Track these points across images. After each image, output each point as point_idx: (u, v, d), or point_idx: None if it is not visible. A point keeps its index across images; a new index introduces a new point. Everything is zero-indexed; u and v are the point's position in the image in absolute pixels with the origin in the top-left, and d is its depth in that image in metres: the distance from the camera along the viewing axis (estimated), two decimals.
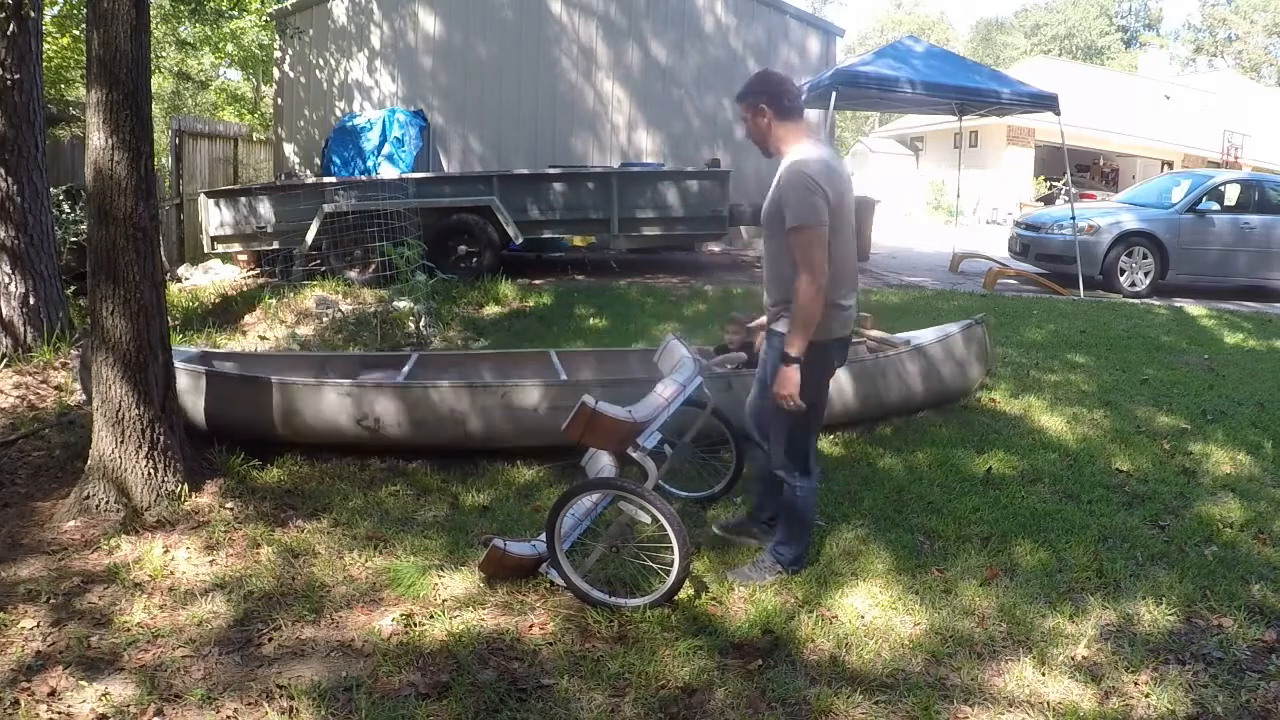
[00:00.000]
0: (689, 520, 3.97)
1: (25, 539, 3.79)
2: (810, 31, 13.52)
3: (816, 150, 3.29)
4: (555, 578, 3.41)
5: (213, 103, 23.69)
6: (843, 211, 3.29)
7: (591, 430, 3.26)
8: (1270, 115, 26.42)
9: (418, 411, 4.50)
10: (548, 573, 3.46)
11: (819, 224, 3.14)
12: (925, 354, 5.28)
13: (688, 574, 3.28)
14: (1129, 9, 55.58)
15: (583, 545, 3.59)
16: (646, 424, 3.40)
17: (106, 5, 3.82)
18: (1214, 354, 7.59)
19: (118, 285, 3.94)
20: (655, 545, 3.37)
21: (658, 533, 3.27)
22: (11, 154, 6.24)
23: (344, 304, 8.17)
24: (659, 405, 3.48)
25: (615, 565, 3.49)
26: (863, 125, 39.64)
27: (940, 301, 9.43)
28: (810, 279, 3.13)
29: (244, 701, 2.75)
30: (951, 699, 2.84)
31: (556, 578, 3.40)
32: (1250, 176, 12.99)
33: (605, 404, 3.26)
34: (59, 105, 9.74)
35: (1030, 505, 4.25)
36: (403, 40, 12.66)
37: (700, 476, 4.41)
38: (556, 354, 5.61)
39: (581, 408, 3.18)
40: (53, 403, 5.51)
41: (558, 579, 3.40)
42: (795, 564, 3.57)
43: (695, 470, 4.40)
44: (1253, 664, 3.07)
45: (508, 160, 12.52)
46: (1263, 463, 4.93)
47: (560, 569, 3.34)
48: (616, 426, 3.26)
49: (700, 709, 2.78)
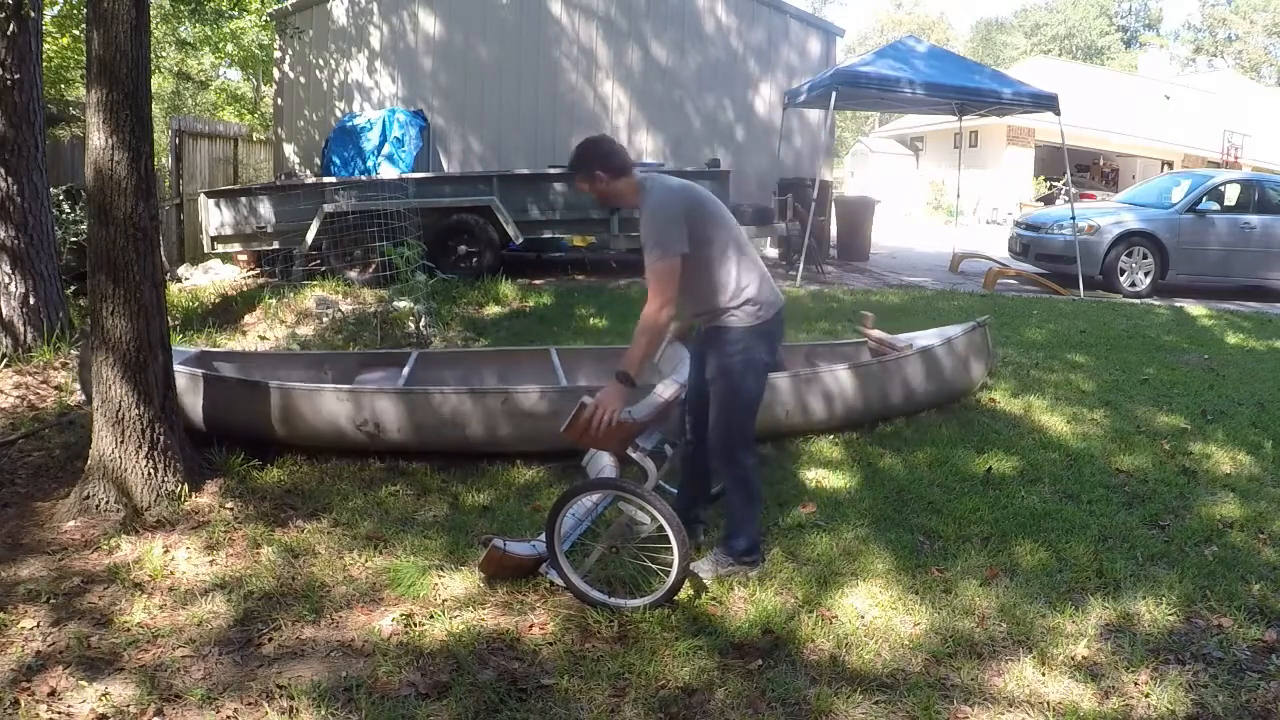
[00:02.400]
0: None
1: (25, 539, 3.79)
2: (810, 32, 13.51)
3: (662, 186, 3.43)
4: (555, 578, 3.41)
5: (213, 103, 23.69)
6: (707, 223, 3.40)
7: (590, 431, 3.26)
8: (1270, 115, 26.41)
9: (417, 417, 4.49)
10: (547, 573, 3.46)
11: (672, 255, 3.27)
12: (929, 357, 5.28)
13: (687, 575, 3.28)
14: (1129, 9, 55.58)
15: (583, 545, 3.59)
16: (647, 424, 3.40)
17: (106, 5, 3.82)
18: (1214, 354, 7.59)
19: (118, 285, 3.94)
20: (655, 545, 3.37)
21: (657, 533, 3.27)
22: (11, 154, 6.24)
23: (344, 304, 8.17)
24: (659, 405, 3.48)
25: (615, 565, 3.49)
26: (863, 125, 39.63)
27: (940, 302, 9.44)
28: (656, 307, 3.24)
29: (244, 701, 2.75)
30: (951, 699, 2.84)
31: (556, 578, 3.40)
32: (1250, 176, 12.99)
33: None
34: (59, 105, 9.74)
35: (1030, 505, 4.25)
36: (402, 40, 12.66)
37: None
38: (557, 352, 5.61)
39: (581, 409, 3.18)
40: (53, 403, 5.51)
41: (557, 579, 3.39)
42: (749, 554, 3.53)
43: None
44: (1253, 664, 3.07)
45: (508, 160, 12.52)
46: (1263, 463, 4.93)
47: (560, 569, 3.34)
48: (618, 427, 3.26)
49: (700, 709, 2.78)
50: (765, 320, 3.44)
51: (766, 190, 12.47)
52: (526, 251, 10.67)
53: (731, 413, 3.46)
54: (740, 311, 3.41)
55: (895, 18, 53.25)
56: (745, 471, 3.51)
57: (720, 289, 3.40)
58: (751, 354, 3.43)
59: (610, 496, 3.59)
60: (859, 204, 13.29)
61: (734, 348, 3.42)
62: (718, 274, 3.40)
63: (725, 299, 3.41)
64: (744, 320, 3.41)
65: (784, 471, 4.60)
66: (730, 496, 3.56)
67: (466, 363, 5.80)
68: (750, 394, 3.47)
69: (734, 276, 3.40)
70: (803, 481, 4.51)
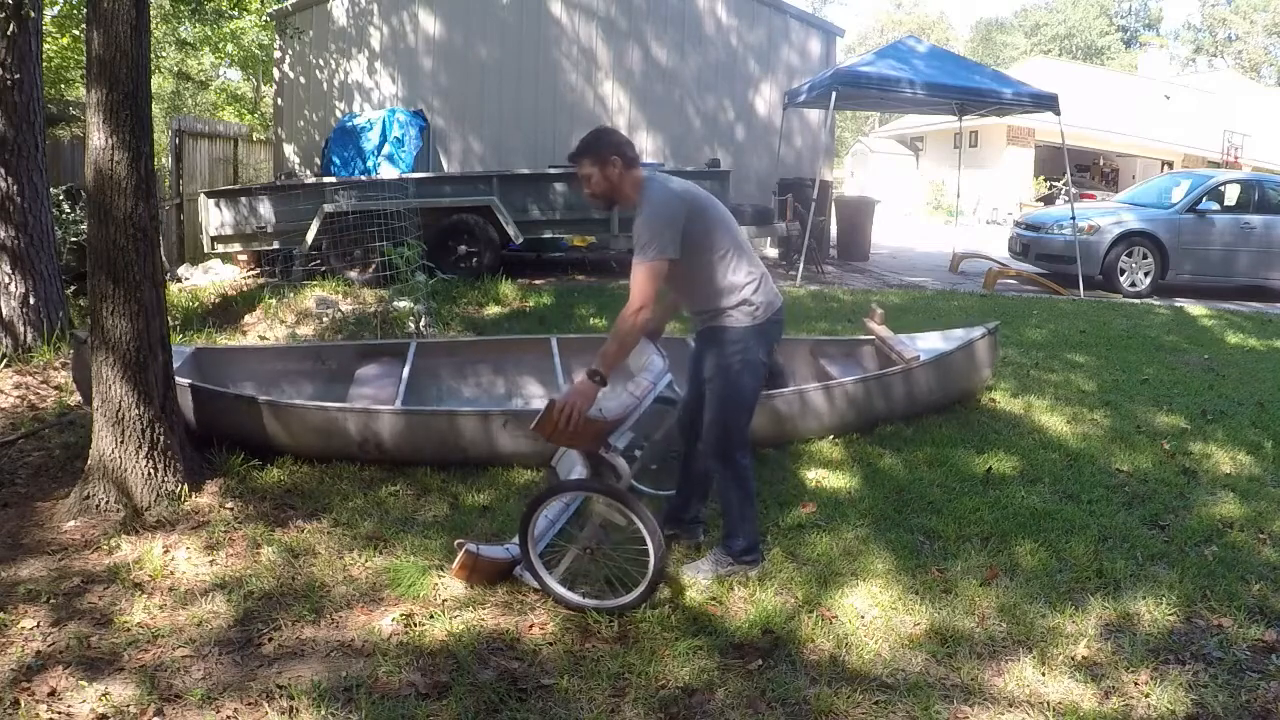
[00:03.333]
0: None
1: (25, 539, 3.79)
2: (811, 32, 13.52)
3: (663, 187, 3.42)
4: (529, 581, 3.38)
5: (213, 103, 23.69)
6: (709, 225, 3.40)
7: (562, 428, 3.24)
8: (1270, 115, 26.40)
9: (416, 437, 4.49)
10: (521, 576, 3.43)
11: (661, 258, 3.24)
12: (943, 365, 5.29)
13: (664, 574, 3.25)
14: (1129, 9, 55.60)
15: (556, 547, 3.56)
16: (618, 422, 3.36)
17: (106, 5, 3.82)
18: (1214, 354, 7.59)
19: (118, 285, 3.94)
20: (630, 545, 3.35)
21: (633, 533, 3.25)
22: (11, 154, 6.24)
23: (344, 304, 8.17)
24: (630, 404, 3.45)
25: (591, 566, 3.46)
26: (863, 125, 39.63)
27: (941, 302, 9.44)
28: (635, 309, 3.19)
29: (244, 701, 2.75)
30: (951, 699, 2.84)
31: (530, 581, 3.38)
32: (1250, 176, 13.00)
33: None
34: (59, 105, 9.74)
35: (1030, 505, 4.25)
36: (403, 41, 12.66)
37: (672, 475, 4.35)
38: (557, 340, 5.62)
39: (550, 406, 3.14)
40: (53, 403, 5.51)
41: (531, 582, 3.37)
42: (748, 554, 3.53)
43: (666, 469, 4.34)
44: (1253, 664, 3.07)
45: (508, 160, 12.52)
46: (1263, 463, 4.93)
47: (534, 571, 3.32)
48: (589, 425, 3.24)
49: (700, 709, 2.78)
50: (764, 321, 3.44)
51: (766, 190, 12.47)
52: (526, 251, 10.67)
53: (728, 413, 3.46)
54: (738, 312, 3.41)
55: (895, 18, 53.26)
56: (741, 471, 3.50)
57: (720, 290, 3.40)
58: (749, 354, 3.43)
59: (582, 497, 3.56)
60: (859, 204, 13.29)
61: (733, 348, 3.42)
62: (718, 275, 3.40)
63: (725, 300, 3.41)
64: (742, 320, 3.41)
65: (784, 471, 4.60)
66: (726, 496, 3.56)
67: (465, 353, 5.80)
68: (747, 394, 3.47)
69: (733, 277, 3.40)
70: (803, 481, 4.51)
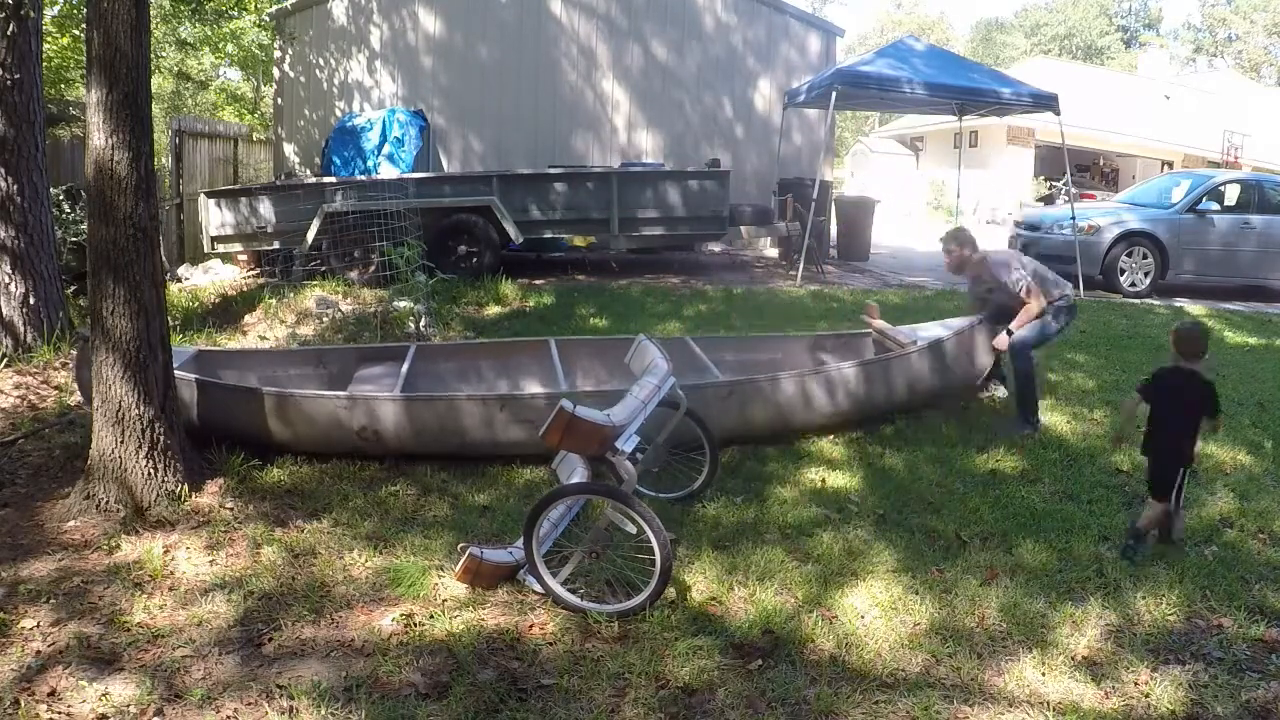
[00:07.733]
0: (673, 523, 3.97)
1: (26, 539, 3.79)
2: (810, 31, 13.52)
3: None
4: (533, 584, 3.38)
5: (213, 103, 23.69)
6: None
7: (570, 434, 3.22)
8: (1270, 115, 26.39)
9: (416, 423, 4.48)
10: (525, 579, 3.43)
11: None
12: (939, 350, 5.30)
13: (669, 578, 3.26)
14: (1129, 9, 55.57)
15: (561, 550, 3.56)
16: (624, 427, 3.37)
17: (106, 5, 3.82)
18: (1214, 354, 7.57)
19: (118, 285, 3.94)
20: (635, 549, 3.35)
21: (638, 537, 3.25)
22: (11, 154, 6.24)
23: (344, 304, 8.17)
24: (636, 408, 3.45)
25: (595, 570, 3.47)
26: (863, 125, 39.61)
27: (941, 301, 9.43)
28: None
29: (244, 701, 2.75)
30: (951, 699, 2.84)
31: (534, 584, 3.38)
32: (1250, 176, 12.98)
33: (583, 408, 3.23)
34: (59, 105, 9.74)
35: (1031, 505, 4.26)
36: (403, 40, 12.66)
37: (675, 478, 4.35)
38: (555, 343, 5.62)
39: (560, 412, 3.15)
40: (53, 403, 5.51)
41: (535, 586, 3.37)
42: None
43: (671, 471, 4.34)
44: (1253, 664, 3.07)
45: (508, 160, 12.52)
46: (1263, 463, 4.93)
47: (538, 575, 3.32)
48: (595, 430, 3.22)
49: (700, 709, 2.78)
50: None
51: (766, 190, 12.47)
52: (526, 251, 10.66)
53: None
54: None
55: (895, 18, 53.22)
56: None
57: None
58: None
59: (585, 500, 3.56)
60: (859, 204, 13.28)
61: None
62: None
63: None
64: None
65: (785, 471, 4.60)
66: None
67: (465, 355, 5.80)
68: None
69: None
70: (805, 481, 4.51)
